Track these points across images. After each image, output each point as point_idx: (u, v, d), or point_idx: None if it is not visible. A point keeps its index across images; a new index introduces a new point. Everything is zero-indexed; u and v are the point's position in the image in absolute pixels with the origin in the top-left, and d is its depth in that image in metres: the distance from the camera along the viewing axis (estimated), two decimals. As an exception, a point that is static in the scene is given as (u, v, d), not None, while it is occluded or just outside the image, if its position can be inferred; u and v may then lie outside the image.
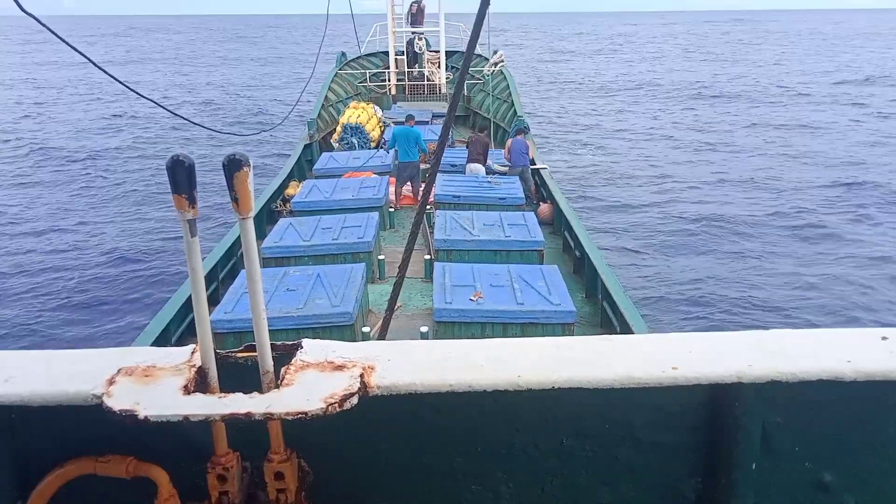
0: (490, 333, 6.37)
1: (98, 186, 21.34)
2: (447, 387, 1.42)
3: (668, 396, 1.49)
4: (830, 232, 16.14)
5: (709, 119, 32.50)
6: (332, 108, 16.66)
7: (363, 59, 20.77)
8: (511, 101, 16.63)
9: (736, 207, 18.12)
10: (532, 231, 8.30)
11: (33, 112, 36.28)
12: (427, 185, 3.73)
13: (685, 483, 1.59)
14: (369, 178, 11.00)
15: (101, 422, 1.33)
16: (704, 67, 55.01)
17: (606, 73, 48.55)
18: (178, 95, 41.20)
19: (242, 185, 1.31)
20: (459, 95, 3.67)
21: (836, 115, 32.60)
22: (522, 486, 1.59)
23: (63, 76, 51.62)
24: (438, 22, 19.20)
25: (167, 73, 55.57)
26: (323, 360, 1.45)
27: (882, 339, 1.54)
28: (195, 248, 1.35)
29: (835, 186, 20.15)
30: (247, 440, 1.51)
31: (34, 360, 1.53)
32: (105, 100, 39.86)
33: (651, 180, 21.48)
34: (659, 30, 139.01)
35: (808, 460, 1.53)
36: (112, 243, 15.94)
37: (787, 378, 1.43)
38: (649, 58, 65.35)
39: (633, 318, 6.62)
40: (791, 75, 48.81)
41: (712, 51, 74.43)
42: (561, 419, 1.53)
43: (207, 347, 1.42)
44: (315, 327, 6.23)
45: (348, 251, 8.07)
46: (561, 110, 35.81)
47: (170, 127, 30.45)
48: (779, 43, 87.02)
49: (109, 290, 13.25)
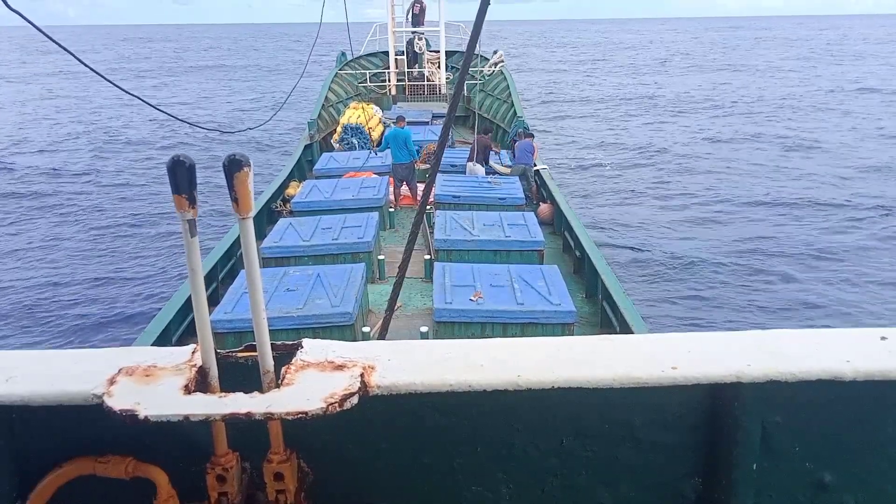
0: (490, 333, 6.37)
1: (98, 186, 21.35)
2: (447, 387, 1.42)
3: (667, 396, 1.49)
4: (830, 232, 16.14)
5: (711, 122, 32.51)
6: (332, 108, 16.66)
7: (363, 59, 20.76)
8: (511, 102, 16.63)
9: (736, 207, 18.12)
10: (532, 231, 8.30)
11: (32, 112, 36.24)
12: (427, 185, 3.73)
13: (685, 483, 1.59)
14: (369, 178, 11.01)
15: (101, 422, 1.33)
16: (704, 75, 55.02)
17: (606, 84, 48.55)
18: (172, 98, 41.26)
19: (242, 185, 1.31)
20: (459, 95, 3.67)
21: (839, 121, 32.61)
22: (522, 486, 1.59)
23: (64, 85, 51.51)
24: (438, 22, 19.20)
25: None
26: (323, 359, 1.45)
27: (881, 339, 1.54)
28: (195, 248, 1.35)
29: (835, 185, 20.16)
30: (246, 440, 1.51)
31: (34, 360, 1.53)
32: (105, 105, 39.89)
33: (651, 180, 21.49)
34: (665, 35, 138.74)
35: (808, 460, 1.53)
36: (112, 243, 15.95)
37: (786, 378, 1.43)
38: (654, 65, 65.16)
39: (633, 318, 6.62)
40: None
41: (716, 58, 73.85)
42: (561, 419, 1.53)
43: (208, 347, 1.42)
44: (315, 327, 6.24)
45: (348, 251, 8.07)
46: (561, 111, 35.83)
47: (169, 128, 30.48)
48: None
49: (109, 290, 13.26)
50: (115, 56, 77.44)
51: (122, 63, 62.15)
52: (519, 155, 11.92)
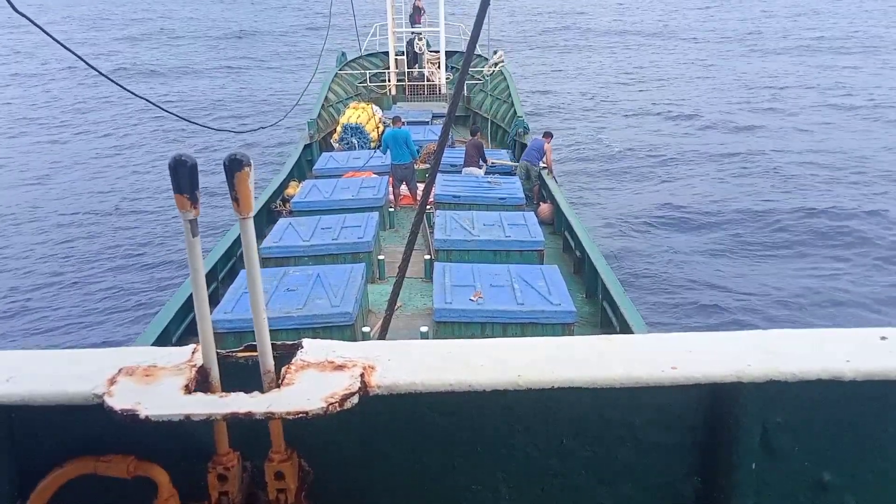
0: (490, 333, 6.38)
1: (98, 186, 21.36)
2: (447, 387, 1.42)
3: (667, 396, 1.49)
4: (831, 232, 16.14)
5: (712, 120, 32.51)
6: (331, 108, 16.67)
7: (363, 59, 20.77)
8: (511, 101, 16.64)
9: (736, 208, 18.12)
10: (532, 231, 8.31)
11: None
12: (427, 185, 3.74)
13: (685, 483, 1.59)
14: (369, 178, 11.01)
15: (102, 422, 1.34)
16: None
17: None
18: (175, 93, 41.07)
19: (243, 184, 1.31)
20: (459, 95, 3.68)
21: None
22: (522, 486, 1.59)
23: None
24: (438, 22, 19.22)
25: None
26: (323, 359, 1.45)
27: (882, 339, 1.54)
28: (196, 247, 1.35)
29: (835, 186, 20.15)
30: (247, 440, 1.52)
31: (34, 360, 1.53)
32: (109, 100, 39.83)
33: (652, 180, 21.49)
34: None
35: (808, 460, 1.53)
36: (112, 243, 15.95)
37: (786, 378, 1.43)
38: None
39: (633, 318, 6.63)
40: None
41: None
42: (561, 419, 1.53)
43: (209, 347, 1.42)
44: (315, 327, 6.25)
45: (348, 251, 8.08)
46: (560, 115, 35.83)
47: (170, 127, 30.44)
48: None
49: (110, 290, 13.26)
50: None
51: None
52: (526, 152, 11.92)
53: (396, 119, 12.05)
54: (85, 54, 4.13)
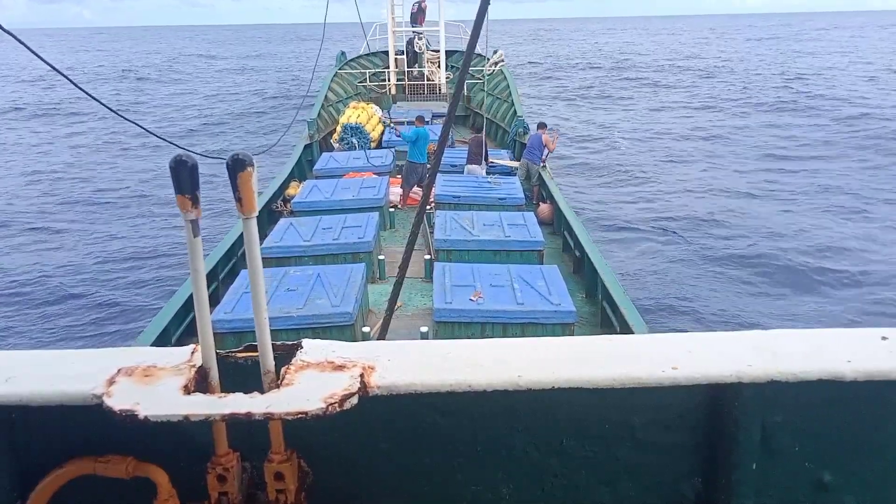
0: (490, 333, 6.37)
1: (98, 185, 21.35)
2: (447, 387, 1.42)
3: (668, 396, 1.49)
4: (830, 232, 16.14)
5: (713, 121, 32.52)
6: (331, 108, 16.65)
7: (363, 58, 20.75)
8: (511, 101, 16.63)
9: (736, 208, 18.11)
10: (532, 231, 8.30)
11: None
12: (427, 185, 3.74)
13: (685, 483, 1.59)
14: (369, 178, 11.01)
15: (101, 422, 1.33)
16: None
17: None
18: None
19: (246, 185, 1.31)
20: (459, 95, 3.67)
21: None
22: (522, 486, 1.59)
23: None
24: (438, 22, 19.21)
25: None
26: (323, 360, 1.45)
27: (882, 339, 1.54)
28: (198, 248, 1.35)
29: (836, 185, 20.15)
30: (247, 440, 1.51)
31: (34, 360, 1.53)
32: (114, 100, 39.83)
33: (652, 181, 21.49)
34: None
35: (808, 460, 1.53)
36: (112, 243, 15.95)
37: (786, 378, 1.43)
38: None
39: (633, 318, 6.62)
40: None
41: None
42: (561, 419, 1.53)
43: (209, 347, 1.42)
44: (315, 327, 6.24)
45: (348, 251, 8.07)
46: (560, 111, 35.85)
47: (174, 131, 30.46)
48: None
49: (109, 290, 13.25)
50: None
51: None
52: (526, 150, 11.93)
53: (420, 118, 12.07)
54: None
